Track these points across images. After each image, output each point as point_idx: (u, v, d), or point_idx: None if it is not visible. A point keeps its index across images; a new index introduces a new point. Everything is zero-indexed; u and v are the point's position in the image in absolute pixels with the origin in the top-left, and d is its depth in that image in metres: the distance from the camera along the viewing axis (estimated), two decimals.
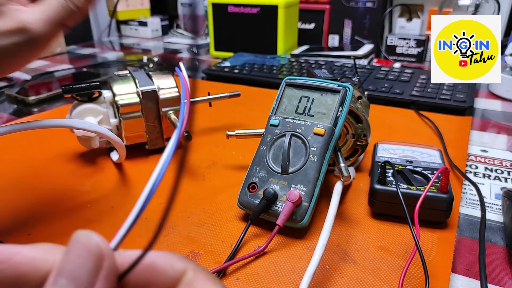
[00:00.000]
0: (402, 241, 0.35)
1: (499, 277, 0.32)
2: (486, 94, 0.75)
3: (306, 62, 0.85)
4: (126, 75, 0.50)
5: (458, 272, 0.32)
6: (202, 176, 0.46)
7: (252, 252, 0.33)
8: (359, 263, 0.33)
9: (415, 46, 0.94)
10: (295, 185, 0.36)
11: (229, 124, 0.60)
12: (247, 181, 0.38)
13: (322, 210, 0.39)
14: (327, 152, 0.37)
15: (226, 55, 0.97)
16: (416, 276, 0.31)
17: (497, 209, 0.40)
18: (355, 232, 0.36)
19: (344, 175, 0.36)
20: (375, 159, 0.42)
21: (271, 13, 0.91)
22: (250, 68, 0.83)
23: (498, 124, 0.61)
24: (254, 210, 0.36)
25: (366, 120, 0.43)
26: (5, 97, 0.74)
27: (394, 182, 0.37)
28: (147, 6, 1.31)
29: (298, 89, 0.41)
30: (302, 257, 0.33)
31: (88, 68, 0.93)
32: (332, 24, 1.07)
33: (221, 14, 0.96)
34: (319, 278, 0.31)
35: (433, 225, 0.37)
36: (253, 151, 0.40)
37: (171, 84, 0.50)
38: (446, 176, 0.35)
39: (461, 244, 0.35)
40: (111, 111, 0.48)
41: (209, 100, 0.54)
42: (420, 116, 0.62)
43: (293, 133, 0.38)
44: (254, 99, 0.70)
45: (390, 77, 0.75)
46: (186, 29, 1.31)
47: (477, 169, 0.48)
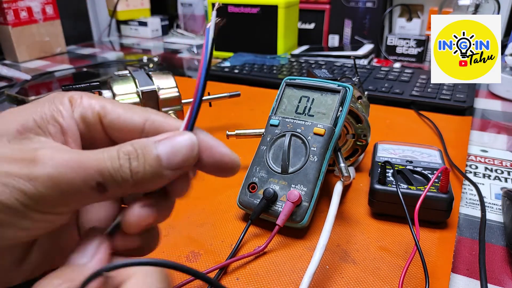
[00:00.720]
0: (402, 241, 0.35)
1: (499, 277, 0.32)
2: (486, 94, 0.75)
3: (306, 62, 0.85)
4: (126, 75, 0.50)
5: (458, 272, 0.32)
6: (202, 176, 0.46)
7: (252, 252, 0.33)
8: (359, 263, 0.33)
9: (415, 46, 0.94)
10: (295, 185, 0.36)
11: (229, 124, 0.60)
12: (247, 181, 0.38)
13: (322, 210, 0.39)
14: (327, 152, 0.37)
15: (226, 55, 0.97)
16: (416, 276, 0.31)
17: (497, 209, 0.40)
18: (355, 232, 0.36)
19: (344, 175, 0.36)
20: (375, 159, 0.42)
21: (271, 13, 0.91)
22: (250, 68, 0.83)
23: (498, 124, 0.61)
24: (254, 210, 0.36)
25: (366, 120, 0.43)
26: (5, 97, 0.74)
27: (394, 182, 0.37)
28: (147, 6, 1.31)
29: (298, 89, 0.41)
30: (302, 257, 0.33)
31: (88, 68, 0.93)
32: (332, 24, 1.07)
33: (221, 14, 0.96)
34: (319, 278, 0.31)
35: (433, 225, 0.37)
36: (253, 151, 0.40)
37: (171, 84, 0.50)
38: (446, 176, 0.35)
39: (461, 244, 0.35)
40: None
41: (209, 100, 0.54)
42: (420, 116, 0.62)
43: (293, 133, 0.38)
44: (254, 99, 0.70)
45: (390, 77, 0.75)
46: (186, 29, 1.31)
47: (477, 169, 0.48)
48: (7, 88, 0.77)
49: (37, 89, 0.76)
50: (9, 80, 0.82)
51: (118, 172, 0.18)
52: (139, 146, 0.19)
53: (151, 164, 0.18)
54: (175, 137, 0.19)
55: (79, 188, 0.17)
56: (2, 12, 0.92)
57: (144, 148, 0.18)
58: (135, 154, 0.18)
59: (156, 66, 0.93)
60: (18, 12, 0.94)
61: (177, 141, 0.19)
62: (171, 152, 0.19)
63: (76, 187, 0.17)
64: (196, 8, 1.25)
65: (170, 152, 0.19)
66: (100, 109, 0.21)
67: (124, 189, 0.18)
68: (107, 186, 0.18)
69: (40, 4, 0.99)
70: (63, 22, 1.05)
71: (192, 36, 1.27)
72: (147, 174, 0.18)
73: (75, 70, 0.92)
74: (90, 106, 0.21)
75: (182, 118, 0.50)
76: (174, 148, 0.19)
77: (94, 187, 0.17)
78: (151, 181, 0.19)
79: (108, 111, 0.21)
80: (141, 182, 0.18)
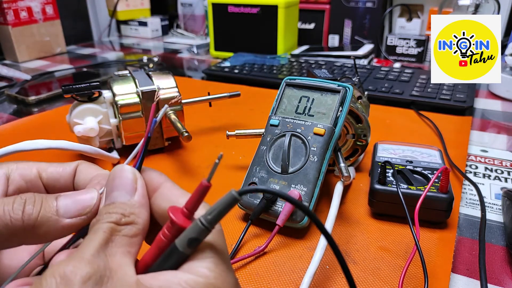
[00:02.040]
0: (402, 241, 0.35)
1: (499, 277, 0.32)
2: (486, 94, 0.75)
3: (306, 62, 0.85)
4: (126, 75, 0.50)
5: (458, 272, 0.32)
6: (202, 176, 0.46)
7: (252, 252, 0.33)
8: (359, 263, 0.33)
9: (415, 46, 0.94)
10: (295, 185, 0.36)
11: (229, 124, 0.60)
12: (247, 181, 0.38)
13: (322, 210, 0.39)
14: (327, 152, 0.37)
15: (226, 55, 0.97)
16: (416, 276, 0.31)
17: (497, 209, 0.40)
18: (355, 232, 0.36)
19: (344, 175, 0.36)
20: (375, 159, 0.42)
21: (271, 13, 0.91)
22: (250, 68, 0.83)
23: (498, 124, 0.61)
24: (254, 210, 0.36)
25: (366, 120, 0.43)
26: (5, 97, 0.74)
27: (394, 182, 0.37)
28: (147, 6, 1.31)
29: (298, 89, 0.41)
30: (302, 257, 0.33)
31: (88, 68, 0.93)
32: (332, 24, 1.07)
33: (221, 14, 0.96)
34: (319, 278, 0.31)
35: (433, 225, 0.37)
36: (253, 151, 0.40)
37: (171, 84, 0.50)
38: (446, 176, 0.35)
39: (461, 244, 0.35)
40: (111, 111, 0.48)
41: (209, 100, 0.54)
42: (420, 116, 0.62)
43: (293, 133, 0.38)
44: (254, 99, 0.70)
45: (390, 77, 0.75)
46: (186, 29, 1.31)
47: (477, 169, 0.48)
48: (7, 88, 0.77)
49: (37, 89, 0.76)
50: (9, 80, 0.82)
51: (9, 213, 0.19)
52: (39, 195, 0.20)
53: (46, 209, 0.20)
54: (79, 193, 0.21)
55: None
56: (2, 12, 0.92)
57: (45, 197, 0.20)
58: (32, 200, 0.20)
59: (156, 66, 0.93)
60: (18, 12, 0.94)
61: (79, 195, 0.21)
62: (71, 202, 0.20)
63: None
64: (196, 8, 1.25)
65: (69, 203, 0.20)
66: (38, 166, 0.23)
67: (15, 232, 0.19)
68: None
69: (40, 4, 0.99)
70: (63, 22, 1.05)
71: (192, 36, 1.27)
72: (42, 218, 0.19)
73: (75, 70, 0.92)
74: (28, 166, 0.23)
75: (182, 118, 0.50)
76: (73, 199, 0.21)
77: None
78: (46, 226, 0.20)
79: (43, 168, 0.23)
80: (34, 226, 0.19)
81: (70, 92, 0.45)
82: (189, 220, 0.18)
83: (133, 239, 0.18)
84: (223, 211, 0.17)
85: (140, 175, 0.21)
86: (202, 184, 0.17)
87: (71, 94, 0.45)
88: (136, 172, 0.20)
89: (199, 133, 0.57)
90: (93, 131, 0.46)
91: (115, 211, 0.18)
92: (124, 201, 0.19)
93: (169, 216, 0.18)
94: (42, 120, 0.62)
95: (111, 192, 0.20)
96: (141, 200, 0.20)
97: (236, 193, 0.17)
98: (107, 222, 0.18)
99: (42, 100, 0.72)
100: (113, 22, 1.32)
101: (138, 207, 0.19)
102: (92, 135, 0.46)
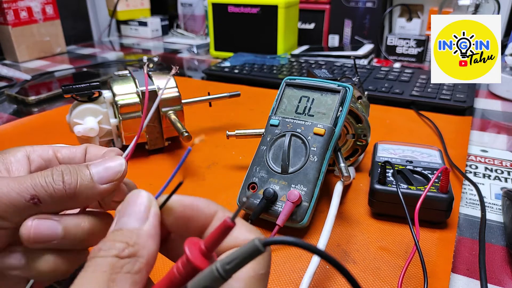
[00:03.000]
0: (402, 241, 0.35)
1: (499, 277, 0.32)
2: (486, 94, 0.75)
3: (306, 62, 0.85)
4: (126, 75, 0.50)
5: (458, 272, 0.32)
6: (202, 176, 0.46)
7: None
8: (359, 263, 0.33)
9: (415, 46, 0.94)
10: (295, 185, 0.36)
11: (229, 124, 0.60)
12: (247, 181, 0.38)
13: (322, 210, 0.39)
14: (327, 152, 0.37)
15: (226, 55, 0.97)
16: (416, 276, 0.31)
17: (497, 209, 0.40)
18: (355, 232, 0.36)
19: (344, 175, 0.36)
20: (375, 159, 0.42)
21: (271, 13, 0.91)
22: (250, 68, 0.83)
23: (498, 124, 0.61)
24: (254, 210, 0.36)
25: (366, 120, 0.43)
26: (5, 97, 0.74)
27: (394, 182, 0.37)
28: (147, 6, 1.31)
29: (298, 89, 0.41)
30: (302, 257, 0.33)
31: (88, 68, 0.93)
32: (332, 24, 1.07)
33: (221, 14, 0.96)
34: (319, 278, 0.31)
35: (433, 225, 0.37)
36: (253, 151, 0.40)
37: (171, 84, 0.50)
38: (446, 176, 0.35)
39: (461, 244, 0.35)
40: (111, 111, 0.48)
41: (209, 100, 0.54)
42: (420, 116, 0.62)
43: (293, 133, 0.38)
44: (254, 99, 0.70)
45: (390, 77, 0.75)
46: (186, 29, 1.31)
47: (477, 169, 0.48)
48: (7, 88, 0.77)
49: (37, 89, 0.76)
50: (9, 80, 0.82)
51: (51, 184, 0.21)
52: (72, 166, 0.22)
53: (82, 177, 0.22)
54: (107, 160, 0.23)
55: (14, 200, 0.20)
56: (2, 12, 0.92)
57: (78, 167, 0.22)
58: (68, 170, 0.22)
59: (156, 66, 0.93)
60: (18, 12, 0.94)
61: (107, 162, 0.23)
62: (102, 169, 0.22)
63: (12, 200, 0.20)
64: (196, 8, 1.25)
65: (101, 170, 0.22)
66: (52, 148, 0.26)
67: (58, 200, 0.21)
68: (41, 198, 0.21)
69: (40, 4, 0.99)
70: (63, 22, 1.05)
71: (192, 36, 1.27)
72: (81, 186, 0.21)
73: (75, 70, 0.92)
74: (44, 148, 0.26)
75: (182, 118, 0.50)
76: (104, 167, 0.23)
77: (28, 199, 0.20)
78: (85, 193, 0.22)
79: (57, 149, 0.26)
80: (74, 194, 0.21)
81: (70, 92, 0.45)
82: (206, 259, 0.17)
83: (136, 275, 0.17)
84: (243, 261, 0.15)
85: (156, 204, 0.19)
86: (225, 223, 0.16)
87: (71, 94, 0.45)
88: (152, 200, 0.19)
89: (199, 133, 0.57)
90: (93, 131, 0.46)
91: (120, 239, 0.17)
92: (132, 229, 0.18)
93: (185, 253, 0.16)
94: (42, 120, 0.62)
95: (122, 217, 0.19)
96: (150, 230, 0.18)
97: (260, 243, 0.15)
98: (108, 256, 0.17)
99: (42, 100, 0.72)
100: (113, 22, 1.32)
101: (145, 236, 0.18)
102: (92, 135, 0.46)
